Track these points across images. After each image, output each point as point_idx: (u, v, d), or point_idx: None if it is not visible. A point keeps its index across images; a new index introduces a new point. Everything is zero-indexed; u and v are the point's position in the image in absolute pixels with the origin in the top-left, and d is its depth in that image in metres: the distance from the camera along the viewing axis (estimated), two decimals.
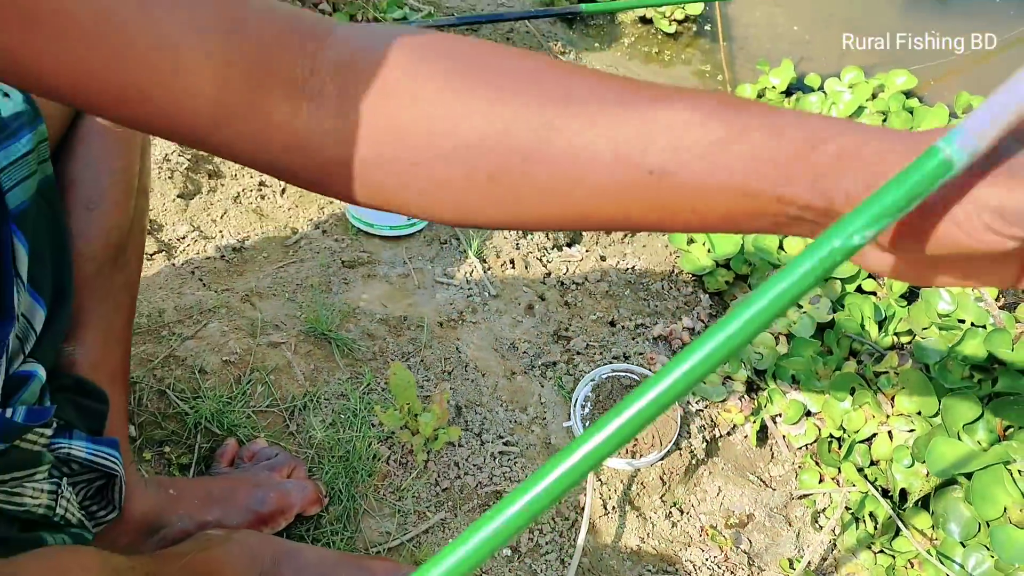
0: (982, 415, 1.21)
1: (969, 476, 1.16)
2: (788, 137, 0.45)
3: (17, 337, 0.75)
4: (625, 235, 1.62)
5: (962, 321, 1.37)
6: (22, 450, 0.74)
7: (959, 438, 1.20)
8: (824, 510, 1.26)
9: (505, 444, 1.18)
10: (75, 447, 0.81)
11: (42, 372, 0.78)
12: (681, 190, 0.47)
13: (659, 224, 0.50)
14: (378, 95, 0.51)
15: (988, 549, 1.13)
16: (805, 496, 1.28)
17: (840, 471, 1.28)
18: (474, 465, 1.15)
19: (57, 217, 0.83)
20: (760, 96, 1.97)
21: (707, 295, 1.53)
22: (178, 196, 1.41)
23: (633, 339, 1.38)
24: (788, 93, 1.97)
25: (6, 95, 0.76)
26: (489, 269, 1.44)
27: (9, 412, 0.70)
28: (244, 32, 0.50)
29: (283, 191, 1.51)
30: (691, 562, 1.15)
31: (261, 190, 1.50)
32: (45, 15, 0.45)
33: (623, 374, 1.29)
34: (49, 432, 0.77)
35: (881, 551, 1.21)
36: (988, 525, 1.14)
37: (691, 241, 1.59)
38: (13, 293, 0.74)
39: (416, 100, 0.51)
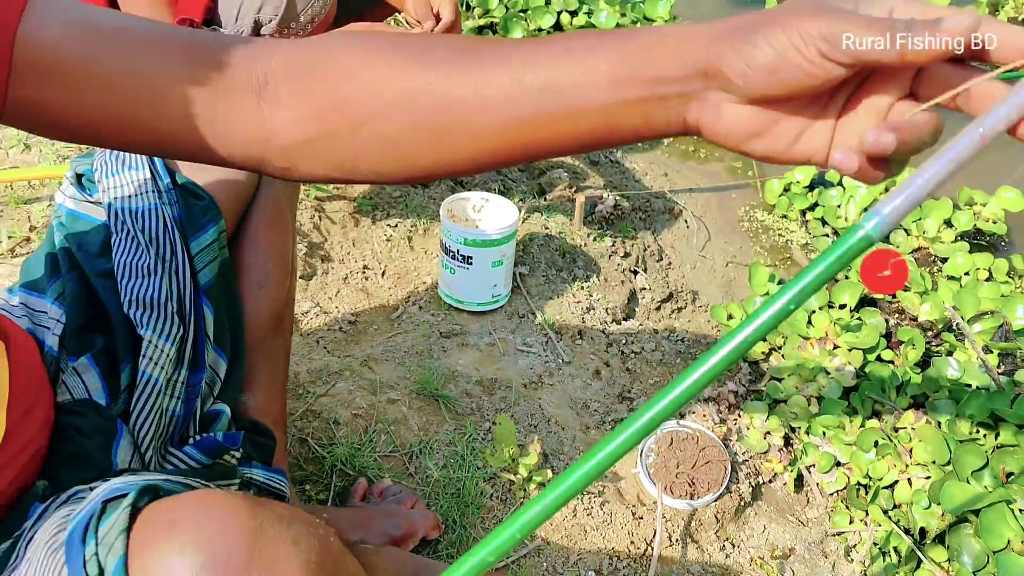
0: (987, 463, 1.42)
1: (977, 514, 1.38)
2: (608, 55, 0.57)
3: (207, 383, 1.00)
4: (673, 311, 1.87)
5: (968, 386, 1.60)
6: (223, 465, 0.98)
7: (968, 483, 1.42)
8: (855, 546, 1.47)
9: None
10: (254, 473, 1.05)
11: (228, 411, 1.03)
12: (565, 97, 0.58)
13: (564, 138, 0.61)
14: (320, 82, 0.63)
15: None
16: (838, 534, 1.49)
17: (867, 513, 1.49)
18: None
19: (233, 293, 1.08)
20: (786, 190, 2.24)
21: (746, 363, 1.76)
22: (300, 278, 1.67)
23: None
24: (811, 187, 2.23)
25: (197, 196, 1.02)
26: (560, 339, 1.68)
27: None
28: (204, 60, 0.63)
29: (383, 273, 1.77)
30: None
31: (364, 272, 1.76)
32: (46, 71, 0.60)
33: (680, 428, 1.52)
34: (238, 455, 1.01)
35: None
36: (995, 555, 1.35)
37: (730, 316, 1.83)
38: (204, 349, 0.99)
39: (349, 75, 0.63)
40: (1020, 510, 1.37)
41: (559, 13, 2.70)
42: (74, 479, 0.80)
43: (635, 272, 1.93)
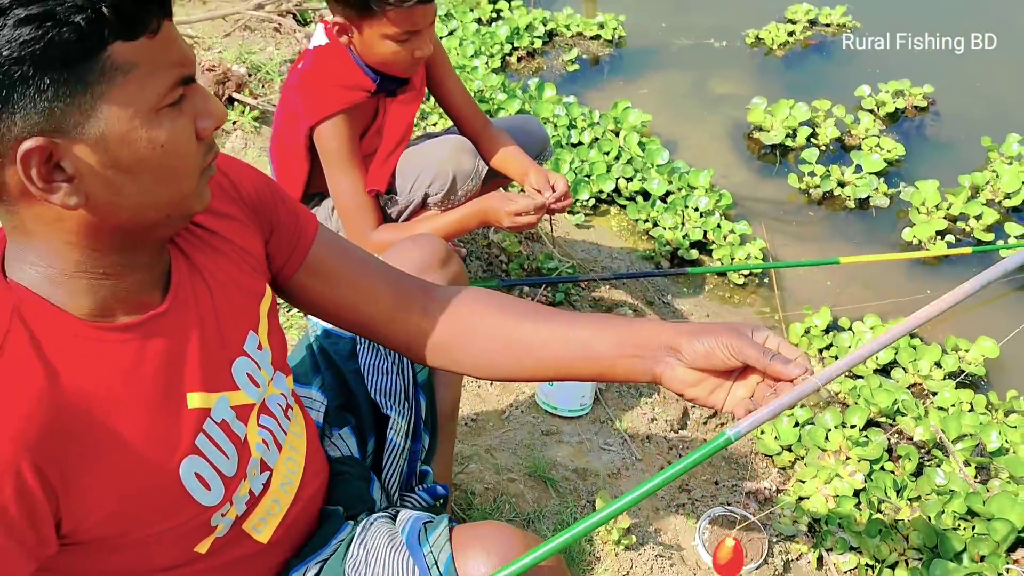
0: (965, 547, 1.86)
1: None
2: (616, 331, 1.07)
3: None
4: (717, 424, 2.33)
5: (952, 491, 2.04)
6: (436, 508, 1.43)
7: (951, 561, 1.84)
8: None
9: (660, 547, 1.85)
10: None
11: (431, 471, 1.48)
12: (587, 348, 1.07)
13: (577, 371, 1.10)
14: (459, 317, 1.16)
15: None
16: None
17: None
18: (641, 560, 1.81)
19: (432, 389, 1.54)
20: (807, 332, 2.73)
21: (776, 468, 2.21)
22: None
23: (731, 492, 2.06)
24: (827, 331, 2.73)
25: None
26: (633, 441, 2.15)
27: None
28: (402, 298, 1.17)
29: (491, 383, 2.25)
30: None
31: (477, 382, 2.24)
32: (319, 272, 1.16)
33: (729, 512, 1.96)
34: (443, 500, 1.46)
35: None
36: None
37: (762, 432, 2.29)
38: (421, 426, 1.45)
39: (477, 315, 1.15)
40: None
41: (617, 179, 3.27)
42: (353, 508, 1.25)
43: None
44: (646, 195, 3.26)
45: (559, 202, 2.02)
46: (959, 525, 1.95)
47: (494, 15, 4.60)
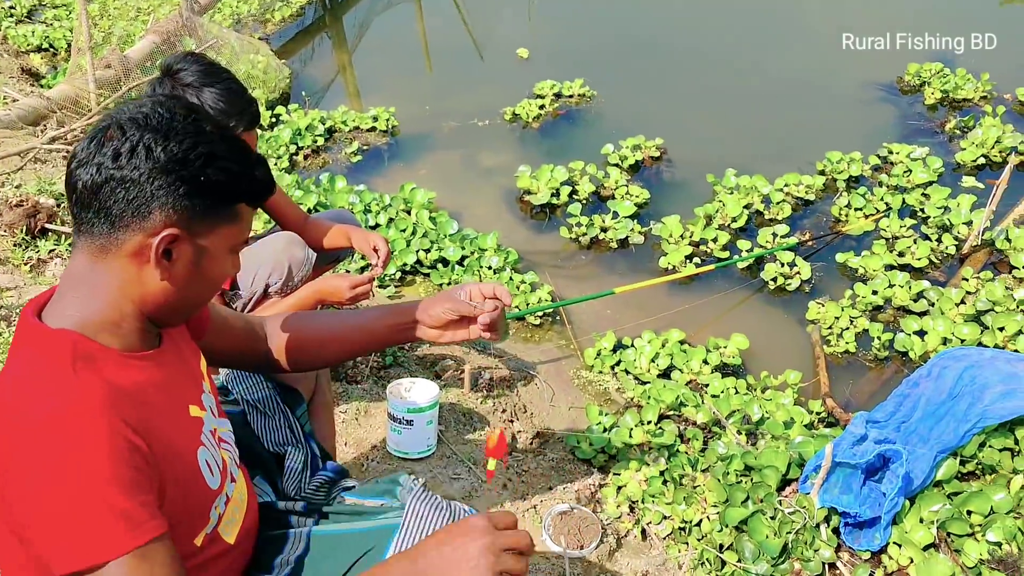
0: (749, 496, 2.30)
1: (747, 523, 2.23)
2: (387, 318, 1.56)
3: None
4: (542, 443, 2.68)
5: (732, 455, 2.49)
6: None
7: (740, 508, 2.28)
8: (682, 565, 2.27)
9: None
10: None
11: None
12: (374, 333, 1.55)
13: (368, 346, 1.61)
14: (292, 332, 1.55)
15: None
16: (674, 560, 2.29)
17: (687, 543, 2.31)
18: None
19: (314, 441, 1.79)
20: (599, 354, 3.16)
21: (596, 468, 2.58)
22: None
23: (564, 493, 2.40)
24: (614, 350, 3.17)
25: (290, 389, 1.77)
26: (477, 467, 2.45)
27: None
28: (255, 333, 1.55)
29: (346, 443, 2.48)
30: None
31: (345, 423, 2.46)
32: (214, 328, 1.42)
33: (564, 507, 2.31)
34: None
35: None
36: (761, 545, 2.19)
37: (578, 442, 2.67)
38: (318, 461, 1.70)
39: (292, 326, 1.54)
40: (771, 517, 2.24)
41: (417, 251, 3.61)
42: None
43: (512, 420, 2.75)
44: (445, 262, 3.62)
45: (385, 262, 2.32)
46: (741, 480, 2.39)
47: (274, 120, 4.86)
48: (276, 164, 4.35)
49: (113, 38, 5.47)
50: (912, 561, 2.20)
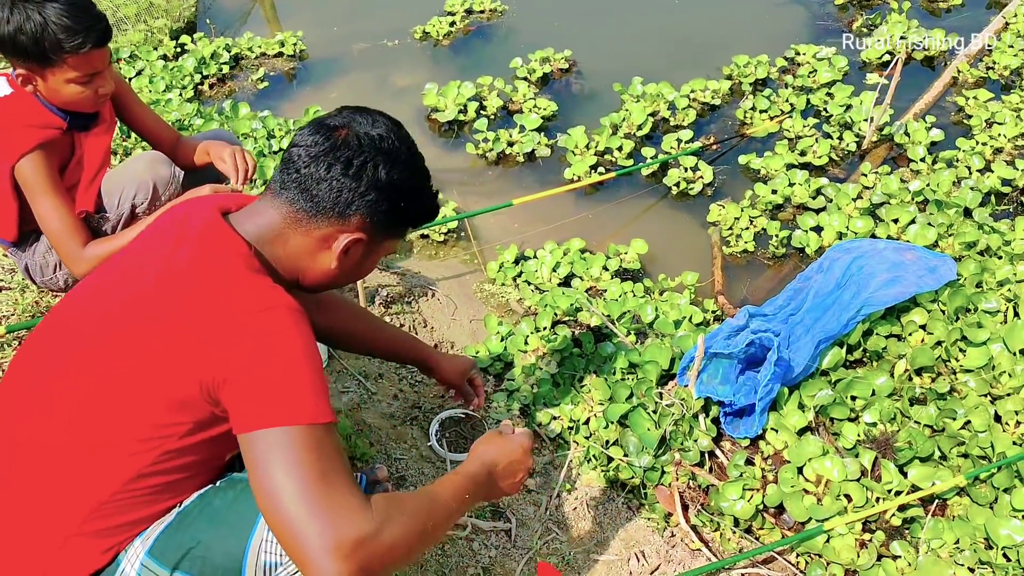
0: (632, 392, 2.33)
1: (627, 417, 2.27)
2: (408, 353, 1.99)
3: None
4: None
5: (618, 354, 2.52)
6: None
7: (624, 403, 2.31)
8: (572, 461, 2.32)
9: (404, 448, 2.17)
10: None
11: None
12: (399, 349, 1.96)
13: (391, 355, 1.98)
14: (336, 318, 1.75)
15: None
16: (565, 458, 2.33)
17: (576, 443, 2.34)
18: (402, 464, 2.13)
19: None
20: (501, 267, 3.16)
21: (492, 375, 2.60)
22: None
23: (452, 398, 2.43)
24: (516, 262, 3.17)
25: None
26: (368, 380, 2.45)
27: None
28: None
29: None
30: None
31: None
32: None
33: (453, 413, 2.32)
34: None
35: None
36: (641, 438, 2.23)
37: (477, 352, 2.67)
38: None
39: (341, 319, 1.79)
40: (653, 412, 2.28)
41: None
42: None
43: (413, 334, 2.75)
44: None
45: (246, 175, 2.20)
46: (625, 377, 2.43)
47: (179, 50, 4.69)
48: (181, 95, 4.22)
49: None
50: (787, 445, 2.26)
